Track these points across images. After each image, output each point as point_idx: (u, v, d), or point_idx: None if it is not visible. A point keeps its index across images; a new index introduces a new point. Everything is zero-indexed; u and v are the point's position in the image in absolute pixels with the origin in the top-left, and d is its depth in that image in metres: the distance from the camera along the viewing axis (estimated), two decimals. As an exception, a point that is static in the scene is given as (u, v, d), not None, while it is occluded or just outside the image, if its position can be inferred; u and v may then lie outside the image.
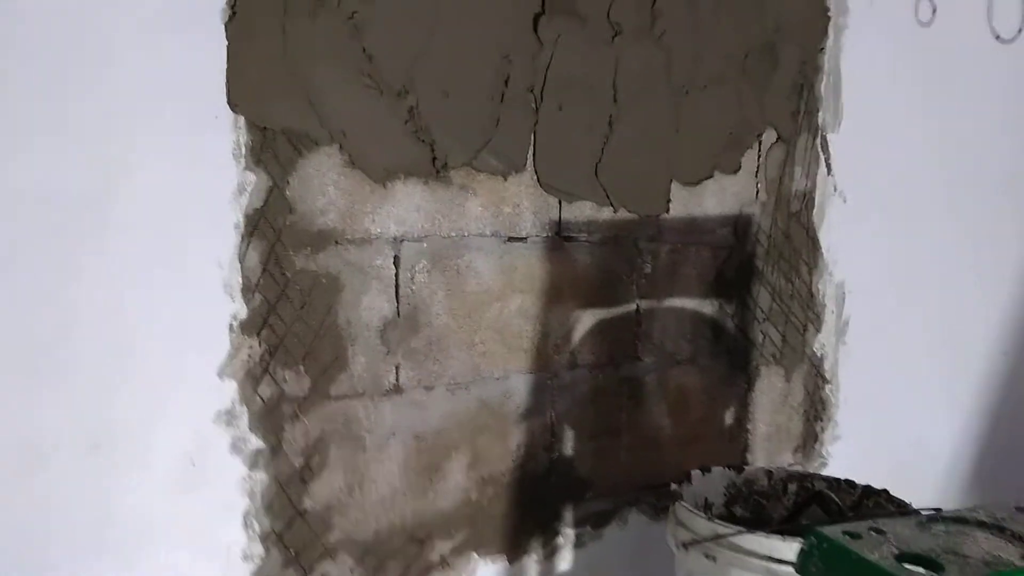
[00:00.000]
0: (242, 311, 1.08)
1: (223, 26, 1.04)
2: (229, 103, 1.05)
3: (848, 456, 1.66)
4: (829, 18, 1.58)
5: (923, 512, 0.95)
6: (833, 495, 1.16)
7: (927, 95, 1.73)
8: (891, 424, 1.72)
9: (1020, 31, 1.86)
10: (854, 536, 0.86)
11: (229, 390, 1.07)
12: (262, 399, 1.10)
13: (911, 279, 1.73)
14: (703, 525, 1.06)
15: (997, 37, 1.83)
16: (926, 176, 1.75)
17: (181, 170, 1.03)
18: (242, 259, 1.07)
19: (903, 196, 1.71)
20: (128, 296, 1.01)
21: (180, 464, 1.05)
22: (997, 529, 0.90)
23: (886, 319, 1.70)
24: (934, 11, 1.72)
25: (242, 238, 1.07)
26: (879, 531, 0.87)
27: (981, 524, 0.91)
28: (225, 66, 1.04)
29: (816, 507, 1.17)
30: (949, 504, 1.83)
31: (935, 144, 1.75)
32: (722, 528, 1.03)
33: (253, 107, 1.07)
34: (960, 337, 1.82)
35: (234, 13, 1.04)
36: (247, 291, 1.08)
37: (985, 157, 1.83)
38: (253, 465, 1.09)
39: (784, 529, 1.01)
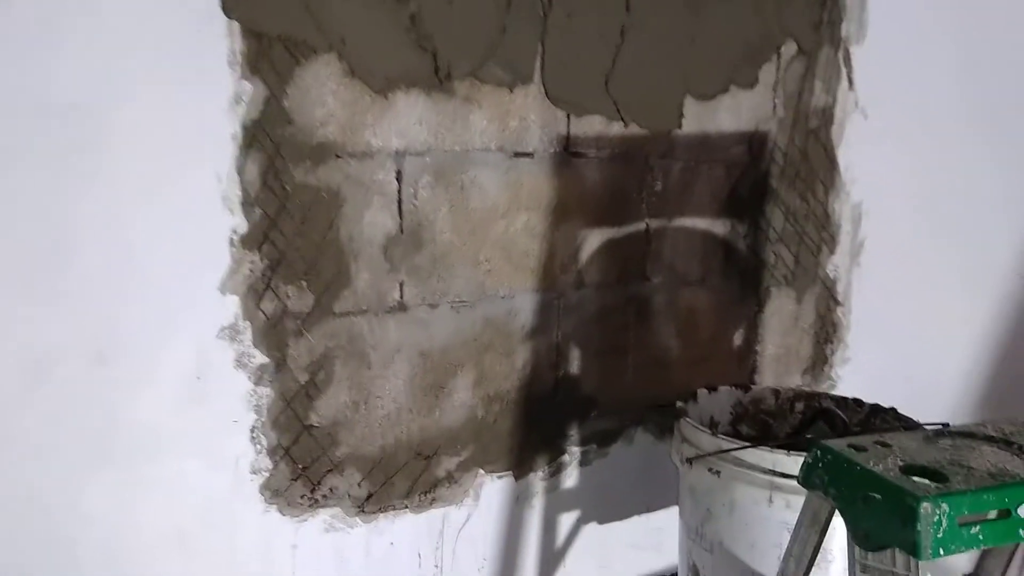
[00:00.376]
0: (242, 225, 1.06)
1: (212, -73, 0.99)
2: (223, 7, 1.00)
3: (858, 378, 1.64)
4: (857, -80, 1.49)
5: (930, 427, 0.93)
6: (839, 412, 1.15)
7: (956, 10, 1.64)
8: (903, 347, 1.69)
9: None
10: (859, 449, 0.85)
11: (232, 305, 1.07)
12: (265, 315, 1.09)
13: (930, 201, 1.68)
14: (707, 440, 1.05)
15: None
16: (950, 95, 1.67)
17: (176, 78, 0.99)
18: (240, 171, 1.05)
19: (926, 115, 1.65)
20: (127, 209, 0.99)
21: (185, 378, 1.05)
22: (1004, 443, 0.88)
23: (903, 241, 1.66)
24: (970, -86, 1.62)
25: (240, 150, 1.04)
26: (884, 444, 0.86)
27: (989, 438, 0.89)
28: (217, -31, 1.00)
29: (822, 423, 1.16)
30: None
31: (961, 63, 1.67)
32: (726, 443, 1.03)
33: (248, 11, 1.02)
34: (977, 260, 1.78)
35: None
36: (246, 204, 1.06)
37: (1009, 80, 1.74)
38: (258, 381, 1.10)
39: (788, 443, 1.01)
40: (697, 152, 1.41)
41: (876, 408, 1.19)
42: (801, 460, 0.86)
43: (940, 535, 0.70)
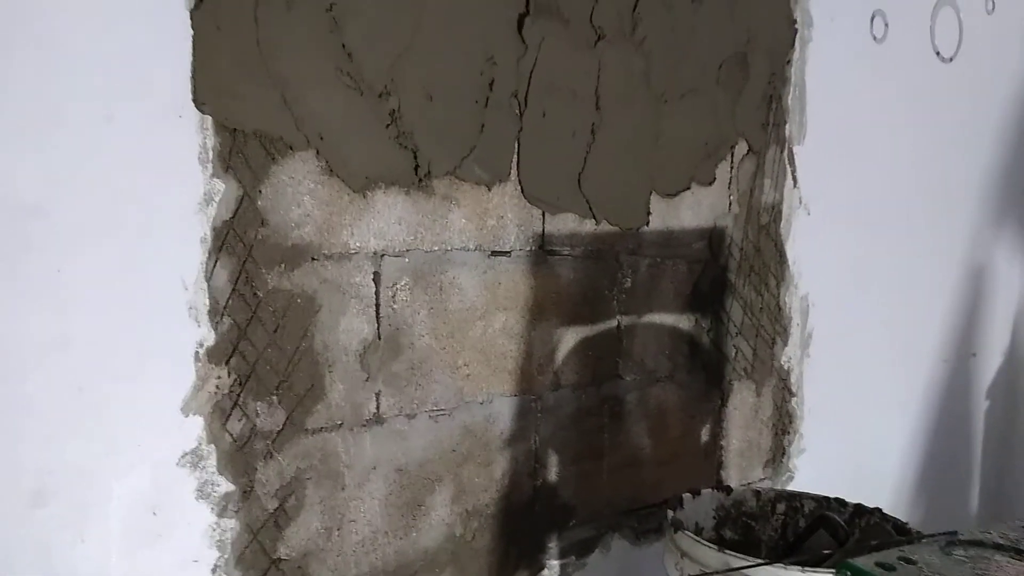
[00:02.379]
0: (209, 337, 0.95)
1: (188, 14, 0.91)
2: (195, 101, 0.92)
3: (813, 468, 1.67)
4: (796, 30, 1.58)
5: (938, 536, 0.93)
6: (839, 520, 1.13)
7: (881, 108, 1.77)
8: (851, 435, 1.74)
9: (958, 51, 1.93)
10: (887, 568, 0.83)
11: (195, 427, 0.94)
12: (232, 436, 0.97)
13: (868, 290, 1.77)
14: (713, 556, 1.01)
15: (939, 55, 1.90)
16: (881, 188, 1.78)
17: (140, 176, 0.89)
18: (209, 278, 0.95)
19: (859, 209, 1.74)
20: (80, 321, 0.86)
21: (139, 515, 0.91)
22: (1015, 552, 0.89)
23: (845, 331, 1.72)
24: (886, 27, 1.76)
25: (209, 254, 0.94)
26: (909, 560, 0.85)
27: (998, 547, 0.90)
28: (191, 59, 0.92)
29: (821, 530, 1.14)
30: (903, 507, 1.89)
31: (888, 157, 1.79)
32: (736, 559, 0.98)
33: (222, 106, 0.94)
34: (910, 348, 1.88)
35: (201, 0, 0.92)
36: (214, 314, 0.95)
37: (933, 169, 1.88)
38: (222, 512, 0.97)
39: (803, 561, 0.98)
40: (663, 248, 1.41)
41: (860, 508, 1.20)
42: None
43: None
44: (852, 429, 1.75)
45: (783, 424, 1.64)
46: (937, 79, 1.88)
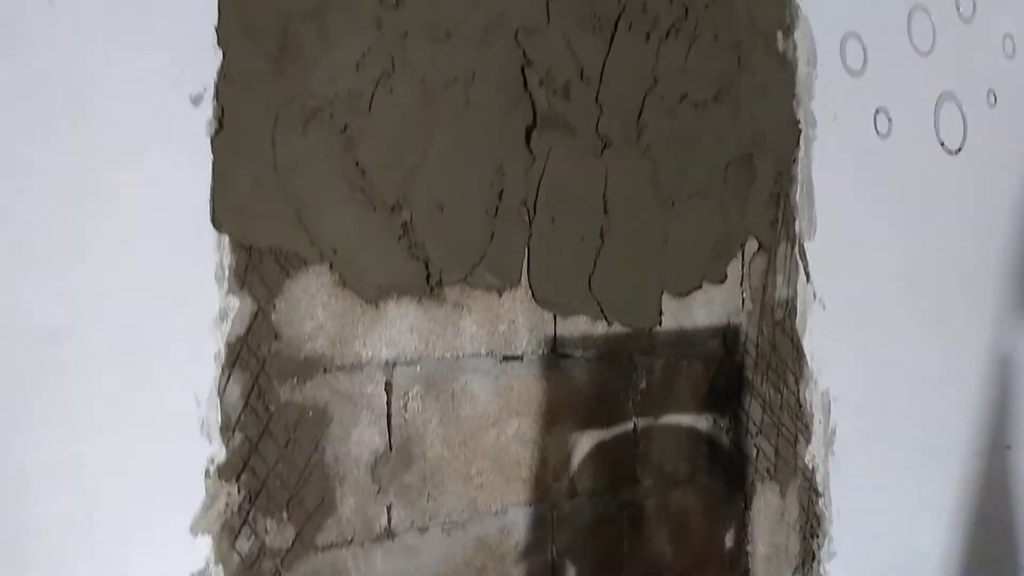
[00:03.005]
0: (220, 453, 0.95)
1: (209, 140, 0.96)
2: (213, 222, 0.95)
3: (845, 570, 1.59)
4: (800, 130, 1.62)
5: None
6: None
7: (889, 202, 1.78)
8: (883, 535, 1.67)
9: (964, 143, 1.96)
10: None
11: (203, 547, 0.93)
12: (240, 555, 0.96)
13: (891, 383, 1.73)
14: None
15: (944, 147, 1.93)
16: (894, 281, 1.77)
17: (157, 297, 0.91)
18: (222, 394, 0.95)
19: (875, 301, 1.73)
20: (91, 444, 0.87)
21: (142, 643, 0.89)
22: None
23: (869, 427, 1.68)
24: (890, 123, 1.79)
25: (223, 370, 0.96)
26: None
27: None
28: (209, 182, 0.96)
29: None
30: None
31: (899, 249, 1.79)
32: None
33: (238, 225, 0.97)
34: (937, 441, 1.82)
35: (221, 127, 0.96)
36: (226, 430, 0.95)
37: (944, 261, 1.88)
38: (229, 636, 0.94)
39: None
40: (676, 348, 1.41)
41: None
42: None
43: None
44: (885, 530, 1.68)
45: (811, 527, 1.58)
46: (944, 171, 1.90)
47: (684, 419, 1.41)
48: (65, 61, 0.88)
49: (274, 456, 0.99)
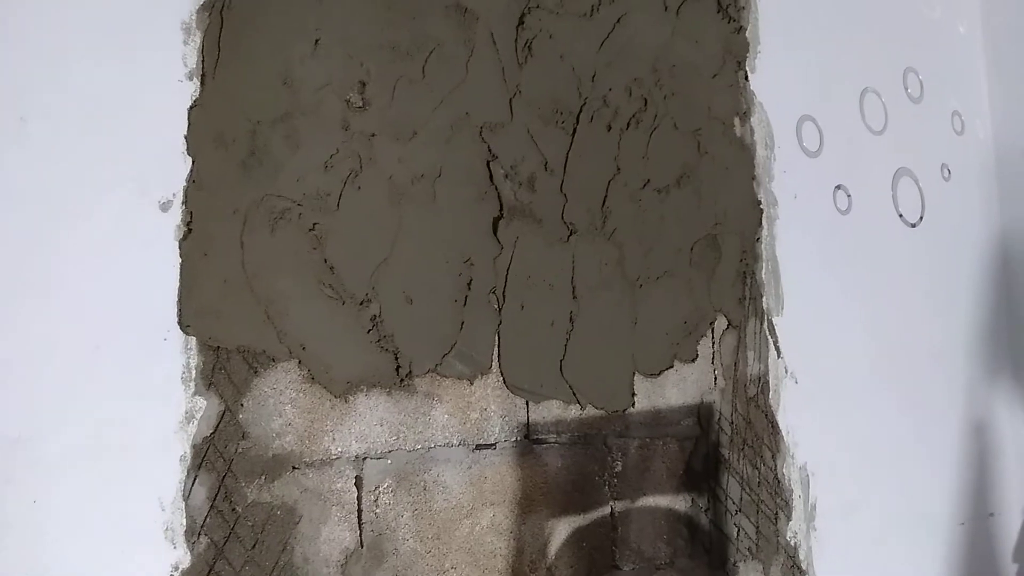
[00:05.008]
0: (185, 559, 0.93)
1: (177, 244, 0.98)
2: (180, 324, 0.97)
3: (835, 654, 1.56)
4: (761, 210, 1.67)
5: None
6: None
7: (854, 275, 1.83)
8: (871, 613, 1.64)
9: (922, 217, 2.03)
10: None
11: (166, 659, 0.91)
12: (205, 666, 0.93)
13: (868, 456, 1.73)
14: None
15: (904, 220, 1.99)
16: (864, 352, 1.80)
17: (122, 402, 0.92)
18: (187, 497, 0.95)
19: (847, 374, 1.75)
20: (54, 552, 0.85)
21: None
22: None
23: (851, 499, 1.68)
24: (849, 199, 1.85)
25: (188, 472, 0.95)
26: None
27: None
28: (177, 285, 0.97)
29: None
30: None
31: (867, 321, 1.83)
32: None
33: (206, 326, 0.99)
34: (922, 509, 1.81)
35: (189, 231, 0.99)
36: (191, 534, 0.94)
37: (911, 330, 1.91)
38: None
39: None
40: (651, 428, 1.41)
41: None
42: None
43: None
44: (872, 607, 1.65)
45: (797, 608, 1.55)
46: (906, 243, 1.96)
47: (662, 500, 1.40)
48: (37, 172, 0.91)
49: (241, 559, 0.97)
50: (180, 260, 0.98)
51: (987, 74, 2.35)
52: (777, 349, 1.64)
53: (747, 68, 1.70)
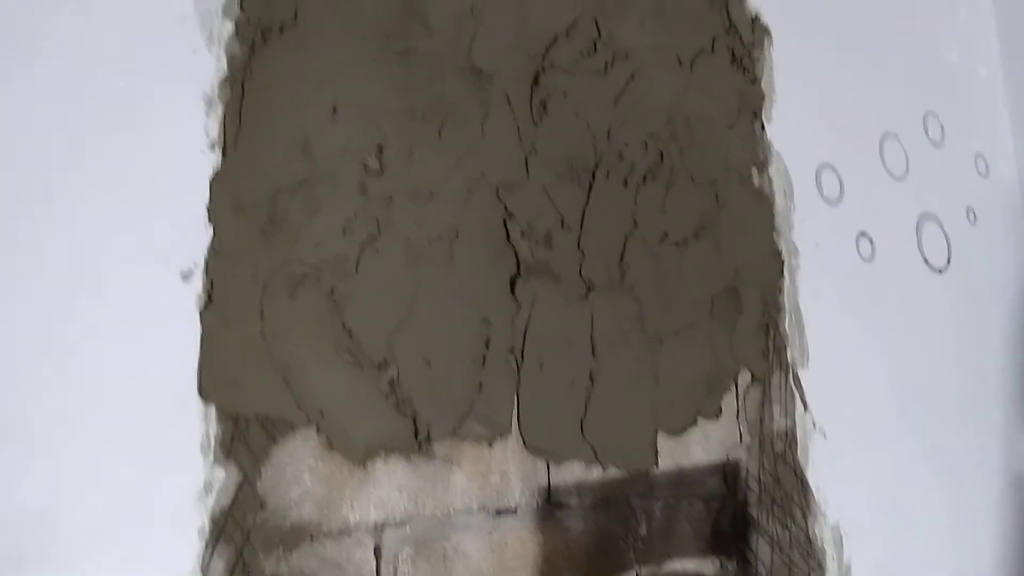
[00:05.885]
0: (201, 636, 0.92)
1: (198, 314, 0.99)
2: (200, 393, 0.97)
3: None
4: (782, 260, 1.65)
5: None
6: None
7: (880, 325, 1.79)
8: None
9: (949, 262, 1.99)
10: None
11: None
12: None
13: (902, 513, 1.68)
14: None
15: (930, 266, 1.96)
16: (893, 405, 1.76)
17: (141, 473, 0.92)
18: (205, 571, 0.94)
19: (877, 427, 1.71)
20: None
21: None
22: None
23: (886, 559, 1.62)
24: (873, 247, 1.83)
25: (206, 545, 0.94)
26: None
27: None
28: (197, 354, 0.98)
29: None
30: None
31: (895, 372, 1.79)
32: None
33: (226, 395, 0.99)
34: (963, 569, 1.74)
35: (210, 300, 1.00)
36: (208, 609, 0.93)
37: (942, 380, 1.87)
38: None
39: None
40: (675, 489, 1.38)
41: None
42: None
43: None
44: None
45: (834, 675, 1.49)
46: (932, 290, 1.92)
47: (689, 564, 1.36)
48: (61, 244, 0.92)
49: (258, 634, 0.96)
50: (201, 329, 0.99)
51: (1010, 115, 2.33)
52: (804, 403, 1.60)
53: (763, 118, 1.70)
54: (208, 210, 1.02)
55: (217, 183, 1.03)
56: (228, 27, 1.08)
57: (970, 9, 2.35)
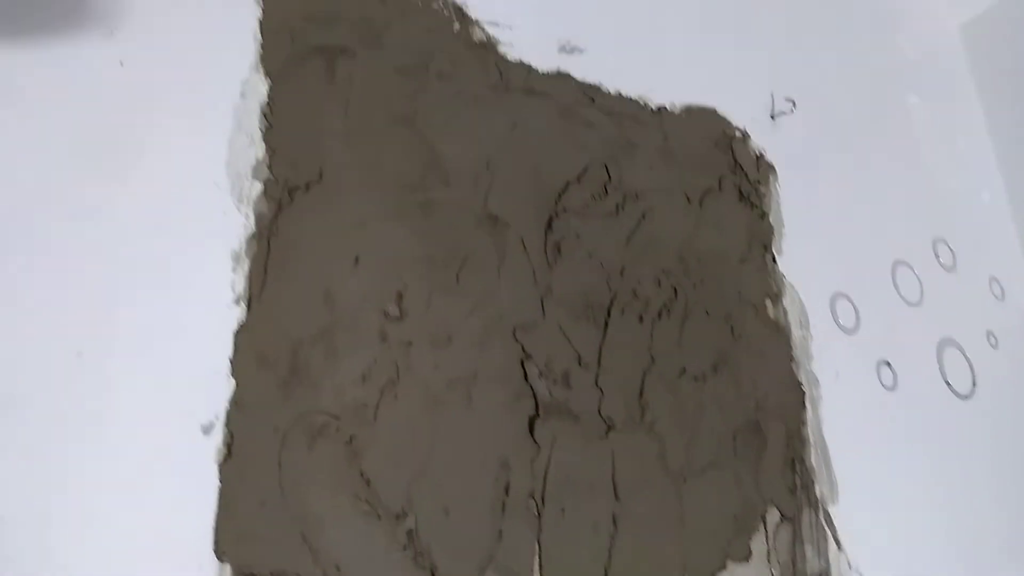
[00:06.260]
0: None
1: (216, 468, 0.99)
2: (216, 551, 0.96)
3: None
4: (803, 392, 1.64)
5: None
6: None
7: (909, 455, 1.75)
8: None
9: (974, 387, 1.96)
10: None
11: None
12: None
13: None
14: None
15: (954, 392, 1.93)
16: (930, 539, 1.69)
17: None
18: None
19: (915, 565, 1.63)
20: None
21: None
22: None
23: None
24: (894, 375, 1.81)
25: None
26: None
27: None
28: (215, 510, 0.97)
29: None
30: None
31: (929, 504, 1.73)
32: None
33: (241, 553, 0.97)
34: None
35: (230, 453, 1.00)
36: None
37: (979, 510, 1.80)
38: None
39: None
40: (708, 640, 1.31)
41: None
42: None
43: None
44: None
45: None
46: (960, 417, 1.89)
47: None
48: (91, 404, 0.94)
49: None
50: (219, 484, 0.98)
51: (1020, 238, 2.36)
52: (837, 541, 1.54)
53: (774, 251, 1.74)
54: (231, 363, 1.04)
55: (241, 336, 1.06)
56: (257, 187, 1.14)
57: (967, 138, 2.44)
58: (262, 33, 1.21)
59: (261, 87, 1.18)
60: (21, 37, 1.03)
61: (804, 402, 1.63)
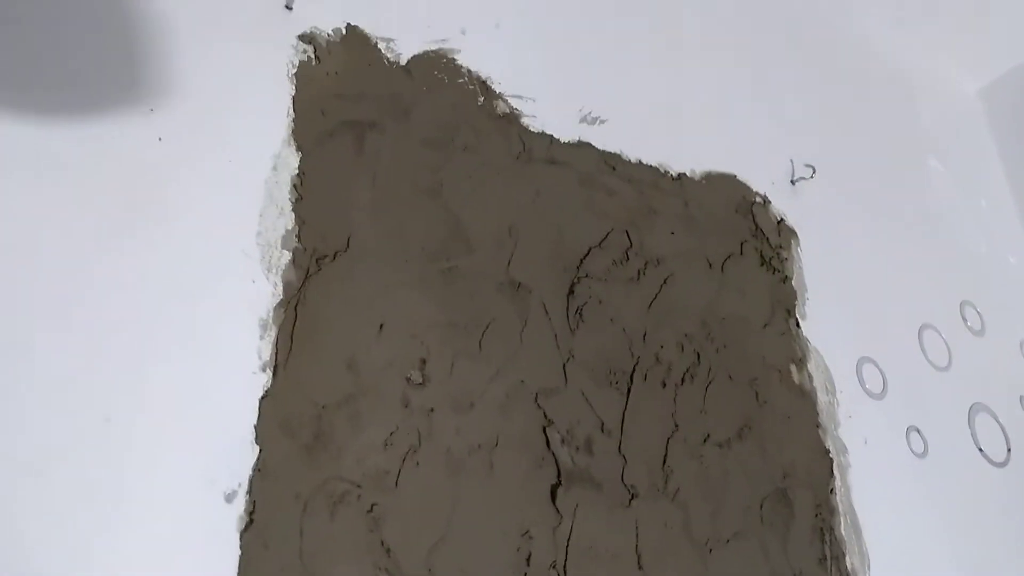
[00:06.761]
0: None
1: (238, 535, 0.99)
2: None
3: None
4: (831, 459, 1.61)
5: None
6: None
7: (943, 525, 1.70)
8: None
9: (1008, 454, 1.91)
10: None
11: None
12: None
13: None
14: None
15: (988, 459, 1.88)
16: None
17: None
18: None
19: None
20: None
21: None
22: None
23: None
24: (924, 441, 1.77)
25: None
26: None
27: None
28: (235, 579, 0.97)
29: None
30: None
31: (963, 570, 1.66)
32: None
33: (260, 625, 0.97)
34: None
35: (251, 521, 1.00)
36: None
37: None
38: None
39: None
40: None
41: None
42: None
43: None
44: None
45: None
46: (994, 485, 1.83)
47: None
48: (114, 470, 0.95)
49: None
50: (240, 552, 0.98)
51: (1048, 301, 2.33)
52: (870, 616, 1.49)
53: (797, 315, 1.73)
54: (256, 430, 1.05)
55: (266, 403, 1.07)
56: (286, 256, 1.17)
57: (991, 200, 2.43)
58: (295, 109, 1.27)
59: (292, 160, 1.23)
60: (70, 115, 1.08)
61: (832, 469, 1.60)
